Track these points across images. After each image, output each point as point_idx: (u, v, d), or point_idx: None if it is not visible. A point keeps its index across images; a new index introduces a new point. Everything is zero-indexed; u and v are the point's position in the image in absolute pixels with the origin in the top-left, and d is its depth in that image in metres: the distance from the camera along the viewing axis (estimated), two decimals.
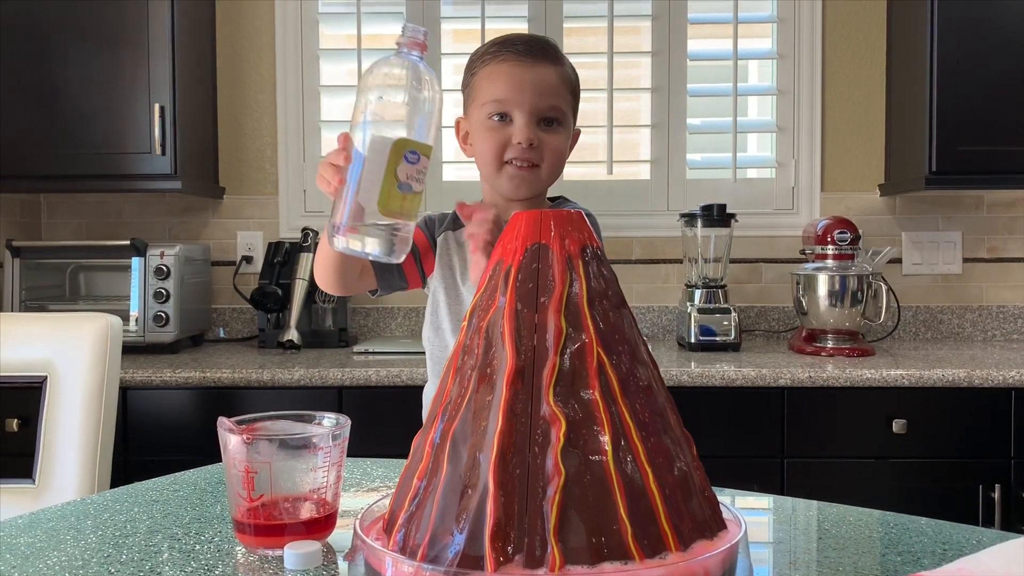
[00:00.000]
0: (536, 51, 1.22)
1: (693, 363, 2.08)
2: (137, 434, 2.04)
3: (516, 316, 0.69)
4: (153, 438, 2.05)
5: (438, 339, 1.31)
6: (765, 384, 1.98)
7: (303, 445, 0.77)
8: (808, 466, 2.01)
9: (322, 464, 0.77)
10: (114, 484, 1.98)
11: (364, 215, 0.91)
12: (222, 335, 2.64)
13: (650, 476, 0.66)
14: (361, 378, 2.01)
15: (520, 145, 1.20)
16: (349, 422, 0.81)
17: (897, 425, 1.97)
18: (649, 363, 0.72)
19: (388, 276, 1.30)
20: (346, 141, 0.93)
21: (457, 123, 1.32)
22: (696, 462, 0.72)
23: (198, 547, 0.79)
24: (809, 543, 0.84)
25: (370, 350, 2.30)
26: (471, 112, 1.27)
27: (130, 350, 2.27)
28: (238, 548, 0.78)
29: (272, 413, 0.82)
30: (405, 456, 0.73)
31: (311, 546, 0.74)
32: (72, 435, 1.53)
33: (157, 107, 2.29)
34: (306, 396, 2.01)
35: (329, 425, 0.81)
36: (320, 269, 1.23)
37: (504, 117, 1.21)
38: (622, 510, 0.64)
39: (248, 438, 0.75)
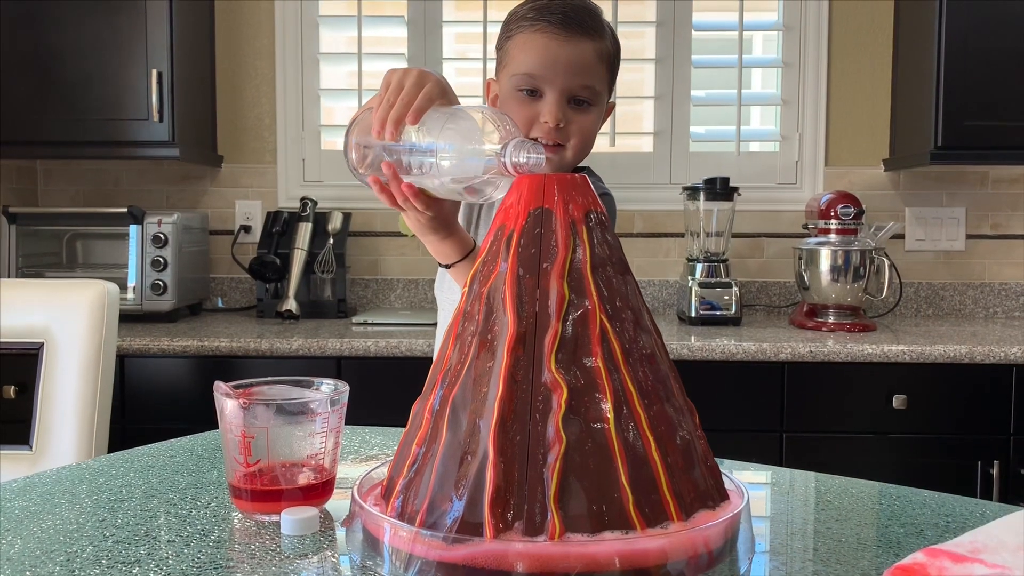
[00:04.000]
0: (574, 24, 1.15)
1: (693, 337, 2.07)
2: (134, 402, 2.04)
3: (518, 282, 0.68)
4: (150, 406, 2.04)
5: (450, 290, 1.29)
6: (765, 358, 1.97)
7: (301, 411, 0.76)
8: (807, 441, 2.00)
9: (320, 430, 0.76)
10: (111, 451, 1.98)
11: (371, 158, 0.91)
12: (220, 304, 2.63)
13: (652, 444, 0.65)
14: (360, 348, 2.00)
15: (547, 124, 1.15)
16: (348, 388, 0.79)
17: (897, 400, 1.97)
18: (652, 331, 0.71)
19: None
20: (423, 111, 0.86)
21: (488, 84, 1.26)
22: (699, 431, 0.72)
23: (194, 512, 0.78)
24: (808, 515, 0.84)
25: (369, 321, 2.29)
26: (501, 78, 1.21)
27: (128, 318, 2.26)
28: (235, 513, 0.78)
29: (270, 379, 0.81)
30: (403, 426, 0.72)
31: (308, 512, 0.73)
32: (69, 402, 1.52)
33: (155, 73, 2.26)
34: (304, 366, 2.01)
35: (327, 391, 0.80)
36: None
37: (534, 92, 1.15)
38: (623, 478, 0.63)
39: (245, 403, 0.74)
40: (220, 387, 0.75)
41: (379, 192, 0.93)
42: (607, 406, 0.65)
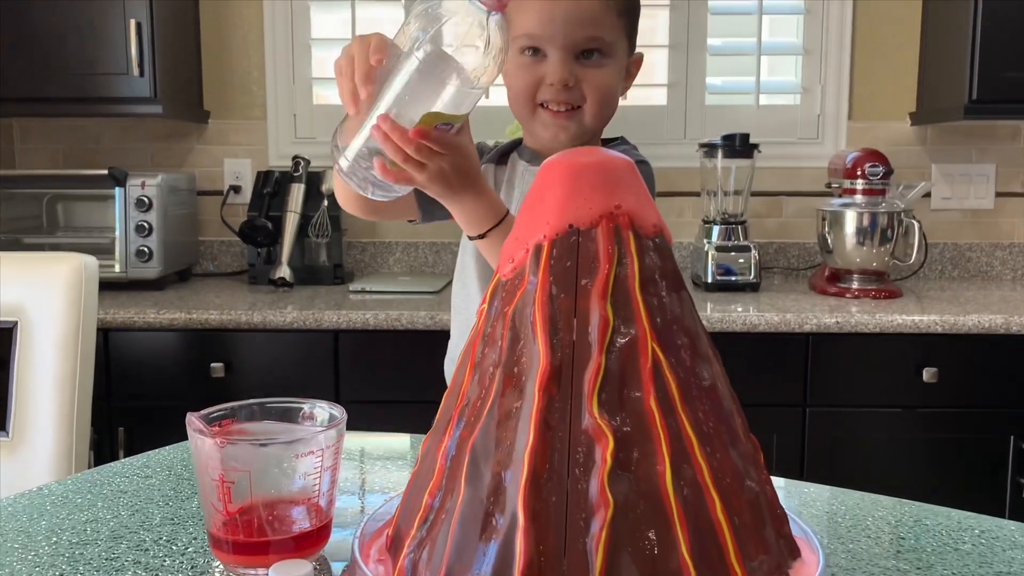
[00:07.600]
0: None
1: (710, 305, 1.95)
2: (121, 379, 1.92)
3: (550, 302, 0.55)
4: (138, 383, 1.93)
5: (464, 292, 1.17)
6: (789, 329, 1.86)
7: (290, 448, 0.64)
8: (831, 415, 1.90)
9: (313, 470, 0.64)
10: (98, 431, 1.88)
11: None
12: (212, 269, 2.50)
13: (717, 504, 0.53)
14: (358, 320, 1.88)
15: (554, 86, 1.03)
16: (345, 415, 0.68)
17: (928, 373, 1.86)
18: (713, 358, 0.59)
19: (431, 205, 1.03)
20: (382, 50, 0.79)
21: None
22: (764, 474, 0.60)
23: (168, 561, 0.67)
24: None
25: (367, 288, 2.17)
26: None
27: (113, 287, 2.14)
28: (216, 564, 0.67)
29: (252, 402, 0.69)
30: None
31: (301, 567, 0.62)
32: (47, 384, 1.43)
33: (133, 23, 2.10)
34: (299, 339, 1.88)
35: (322, 417, 0.69)
36: (343, 191, 1.02)
37: (537, 52, 1.04)
38: (684, 548, 0.51)
39: (222, 442, 0.62)
40: (192, 422, 0.63)
41: (383, 173, 0.82)
42: (662, 458, 0.53)
